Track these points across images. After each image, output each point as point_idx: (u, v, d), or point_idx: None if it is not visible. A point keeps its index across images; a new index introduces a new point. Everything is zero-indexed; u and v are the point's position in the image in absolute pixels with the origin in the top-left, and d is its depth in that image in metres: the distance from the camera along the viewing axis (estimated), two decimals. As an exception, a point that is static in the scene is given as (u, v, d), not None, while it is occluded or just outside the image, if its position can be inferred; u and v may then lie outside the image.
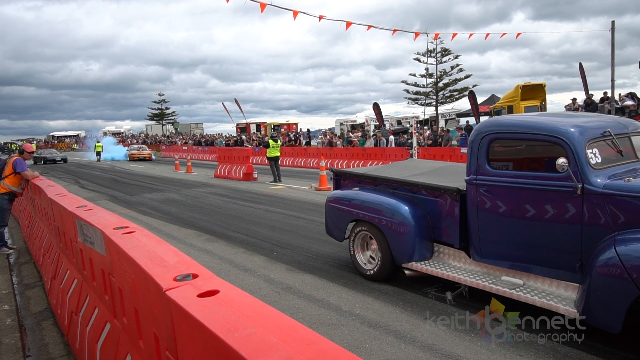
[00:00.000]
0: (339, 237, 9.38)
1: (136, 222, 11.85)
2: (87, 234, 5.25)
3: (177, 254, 3.65)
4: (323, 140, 44.53)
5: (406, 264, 7.82)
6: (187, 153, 51.60)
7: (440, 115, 58.52)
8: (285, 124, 76.67)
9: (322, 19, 25.84)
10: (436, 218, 7.78)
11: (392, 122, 59.55)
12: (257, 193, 21.40)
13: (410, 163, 10.71)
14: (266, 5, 22.91)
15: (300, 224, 13.78)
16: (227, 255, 10.73)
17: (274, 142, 26.74)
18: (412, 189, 8.20)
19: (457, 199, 7.33)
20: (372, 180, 9.13)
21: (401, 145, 32.70)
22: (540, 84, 35.43)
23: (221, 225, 14.10)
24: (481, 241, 6.92)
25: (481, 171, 6.85)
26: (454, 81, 59.60)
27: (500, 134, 6.84)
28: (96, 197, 21.44)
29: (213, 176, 30.11)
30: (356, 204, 8.79)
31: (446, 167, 9.63)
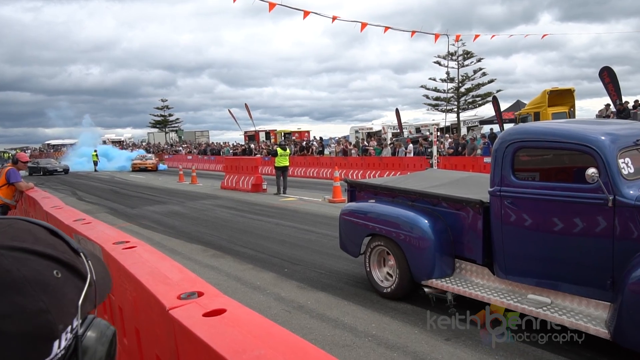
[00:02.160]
0: (354, 253, 9.37)
1: (137, 236, 11.87)
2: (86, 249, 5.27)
3: (181, 271, 3.65)
4: (337, 149, 44.52)
5: (426, 281, 7.80)
6: (192, 163, 51.37)
7: (462, 122, 58.39)
8: (297, 131, 76.62)
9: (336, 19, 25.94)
10: (458, 232, 7.77)
11: (411, 130, 59.52)
12: (267, 205, 21.43)
13: (430, 173, 10.71)
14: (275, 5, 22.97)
15: (312, 238, 13.78)
16: (235, 271, 10.74)
17: (282, 151, 26.56)
18: (432, 201, 8.19)
19: (480, 211, 7.32)
20: (389, 192, 9.13)
21: (420, 155, 32.65)
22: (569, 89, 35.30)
23: (228, 239, 14.12)
24: (506, 257, 6.90)
25: (506, 182, 6.84)
26: (476, 86, 59.50)
27: (526, 142, 6.83)
28: (95, 210, 21.50)
29: (219, 187, 30.11)
30: (372, 217, 8.79)
31: (468, 178, 9.62)
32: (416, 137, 43.71)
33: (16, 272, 0.90)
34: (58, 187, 35.61)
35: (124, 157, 64.07)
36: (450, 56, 58.74)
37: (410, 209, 8.35)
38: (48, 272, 0.95)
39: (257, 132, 76.13)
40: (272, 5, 22.94)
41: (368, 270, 8.92)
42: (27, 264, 0.93)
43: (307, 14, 24.59)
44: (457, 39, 49.03)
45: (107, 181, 40.62)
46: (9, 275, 0.89)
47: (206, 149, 66.29)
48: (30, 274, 0.92)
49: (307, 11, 24.61)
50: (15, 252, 0.93)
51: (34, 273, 0.92)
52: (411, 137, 44.11)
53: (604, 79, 33.78)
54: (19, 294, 0.89)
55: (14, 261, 0.91)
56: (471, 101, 60.41)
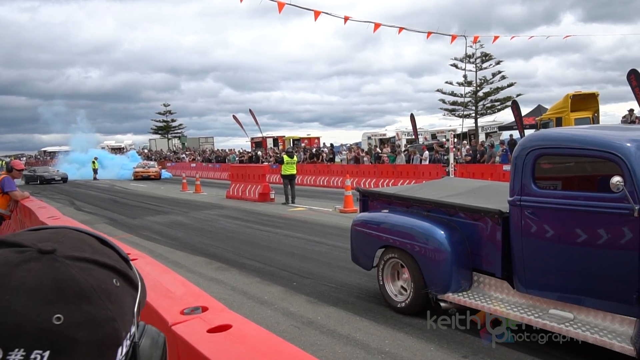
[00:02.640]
0: (366, 265, 9.37)
1: (138, 248, 11.90)
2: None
3: (185, 284, 3.66)
4: (348, 157, 44.58)
5: (442, 296, 7.79)
6: (196, 171, 51.45)
7: (480, 128, 58.32)
8: (306, 138, 76.69)
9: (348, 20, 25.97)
10: (475, 244, 7.76)
11: (426, 136, 59.48)
12: (275, 216, 21.47)
13: (447, 182, 10.70)
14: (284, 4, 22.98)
15: (322, 250, 13.79)
16: (241, 285, 10.75)
17: (289, 158, 26.62)
18: (449, 211, 8.19)
19: (499, 222, 7.30)
20: (404, 202, 9.13)
21: (436, 162, 32.62)
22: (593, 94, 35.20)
23: (234, 251, 14.15)
24: (526, 270, 6.89)
25: (526, 191, 6.83)
26: (495, 90, 59.37)
27: (547, 149, 6.82)
28: (93, 221, 21.60)
29: (225, 197, 30.20)
30: (385, 227, 8.79)
31: (487, 187, 9.61)
32: (432, 143, 43.69)
33: (84, 282, 0.97)
34: (55, 196, 35.72)
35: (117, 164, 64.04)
36: (468, 58, 58.65)
37: (425, 220, 8.34)
38: (109, 281, 1.02)
39: (264, 138, 76.21)
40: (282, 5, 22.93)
41: (381, 283, 8.91)
42: (92, 274, 0.99)
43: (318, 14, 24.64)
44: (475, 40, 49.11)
45: (106, 190, 40.73)
46: (77, 285, 0.95)
47: (211, 156, 66.46)
48: (96, 284, 0.98)
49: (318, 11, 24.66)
50: (79, 262, 0.99)
51: (98, 282, 0.99)
52: (427, 144, 44.08)
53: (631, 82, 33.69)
54: (88, 303, 0.95)
55: (80, 271, 0.98)
56: (490, 106, 60.29)
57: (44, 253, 0.97)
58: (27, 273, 0.93)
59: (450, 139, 29.33)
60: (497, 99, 59.51)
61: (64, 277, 0.95)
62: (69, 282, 0.95)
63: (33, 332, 0.88)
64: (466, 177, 24.41)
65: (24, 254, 0.96)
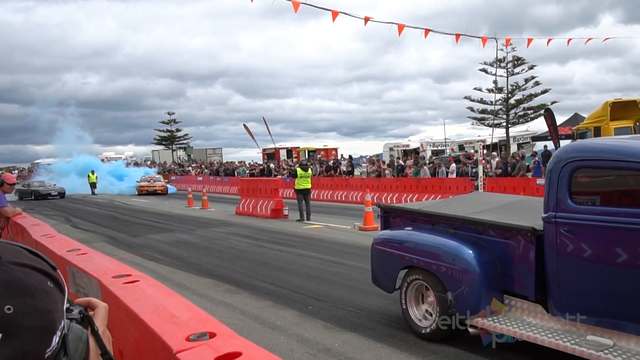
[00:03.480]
0: (388, 288, 9.37)
1: (140, 268, 11.95)
2: (81, 283, 5.28)
3: (191, 308, 3.66)
4: (368, 169, 44.47)
5: (470, 321, 7.78)
6: (203, 185, 51.61)
7: (511, 138, 58.15)
8: (323, 149, 76.54)
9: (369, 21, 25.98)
10: (507, 264, 7.73)
11: (453, 147, 59.42)
12: (289, 234, 21.52)
13: (475, 197, 10.69)
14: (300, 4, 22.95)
15: (340, 271, 13.80)
16: (252, 309, 10.77)
17: (302, 171, 26.65)
18: (478, 229, 8.18)
19: (533, 240, 7.28)
20: (429, 218, 9.13)
21: (464, 175, 32.60)
22: (634, 101, 35.01)
23: (244, 272, 14.17)
24: (562, 292, 6.87)
25: (562, 207, 6.82)
26: (528, 97, 59.22)
27: (585, 161, 6.81)
28: (91, 239, 21.63)
29: (234, 213, 30.29)
30: (409, 246, 8.79)
31: (519, 202, 9.60)
32: (459, 155, 43.61)
33: (28, 282, 1.29)
34: (50, 212, 35.97)
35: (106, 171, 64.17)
36: (499, 63, 58.55)
37: (452, 238, 8.34)
38: (46, 283, 1.34)
39: (277, 149, 76.22)
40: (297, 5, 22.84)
41: (404, 307, 8.91)
42: (33, 276, 1.31)
43: (336, 15, 24.63)
44: (507, 43, 48.93)
45: (105, 206, 40.89)
46: (23, 284, 1.27)
47: (219, 169, 66.39)
48: (37, 284, 1.31)
49: (336, 11, 24.66)
50: (21, 267, 1.31)
51: (39, 283, 1.31)
52: (454, 156, 44.03)
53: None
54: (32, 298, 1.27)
55: (23, 274, 1.29)
56: (522, 114, 60.14)
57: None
58: None
59: (479, 150, 29.22)
60: (530, 107, 59.36)
61: (11, 277, 1.27)
62: (16, 282, 1.27)
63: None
64: (496, 192, 24.35)
65: None
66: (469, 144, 57.10)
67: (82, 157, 69.48)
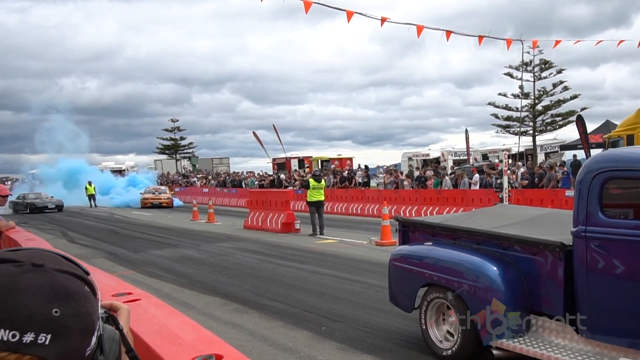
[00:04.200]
0: (407, 307, 9.37)
1: (142, 286, 11.99)
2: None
3: (196, 329, 3.67)
4: (386, 180, 44.45)
5: (494, 342, 7.79)
6: (209, 197, 51.06)
7: (538, 147, 58.02)
8: (337, 159, 76.31)
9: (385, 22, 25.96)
10: (533, 281, 7.74)
11: (477, 157, 59.29)
12: (301, 249, 21.55)
13: (500, 210, 10.70)
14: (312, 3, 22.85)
15: (356, 289, 13.81)
16: (261, 330, 10.79)
17: (315, 182, 26.62)
18: (503, 244, 8.19)
19: (561, 256, 7.28)
20: (450, 233, 9.14)
21: (488, 187, 32.55)
22: (670, 107, 35.01)
23: (253, 290, 14.20)
24: (593, 312, 6.87)
25: (592, 220, 6.83)
26: (556, 103, 59.18)
27: (617, 171, 6.82)
28: (89, 255, 21.73)
29: (242, 227, 30.35)
30: (429, 263, 8.80)
31: (546, 216, 9.59)
32: (482, 165, 43.53)
33: (70, 287, 1.44)
34: (45, 226, 36.08)
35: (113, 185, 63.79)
36: (525, 66, 58.52)
37: (475, 254, 8.35)
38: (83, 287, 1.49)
39: (288, 159, 76.12)
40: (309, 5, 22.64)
41: (424, 328, 8.91)
42: (73, 282, 1.46)
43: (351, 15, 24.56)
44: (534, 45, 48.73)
45: (105, 219, 41.03)
46: (66, 289, 1.42)
47: (226, 179, 66.40)
48: (78, 288, 1.46)
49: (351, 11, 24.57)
50: (62, 273, 1.46)
51: (79, 288, 1.47)
52: (477, 166, 43.96)
53: None
54: (75, 302, 1.42)
55: (65, 279, 1.44)
56: (550, 121, 60.11)
57: (36, 266, 1.43)
58: (29, 280, 1.39)
59: (504, 160, 29.21)
60: (558, 114, 59.35)
61: (56, 283, 1.41)
62: (60, 287, 1.41)
63: (40, 321, 1.34)
64: (522, 204, 24.32)
65: (21, 267, 1.42)
66: (493, 153, 57.01)
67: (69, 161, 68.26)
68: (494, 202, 26.89)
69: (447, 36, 28.96)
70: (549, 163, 39.54)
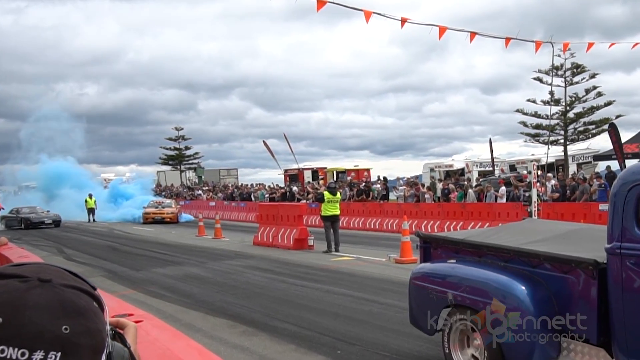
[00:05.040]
0: (429, 329, 9.32)
1: (144, 307, 12.03)
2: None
3: (202, 353, 3.68)
4: (406, 193, 44.41)
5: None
6: (215, 211, 50.99)
7: (570, 157, 57.82)
8: (353, 170, 76.07)
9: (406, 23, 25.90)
10: (565, 302, 7.71)
11: (503, 168, 59.15)
12: (314, 267, 21.56)
13: (529, 225, 10.69)
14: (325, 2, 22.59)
15: (374, 310, 13.80)
16: (272, 353, 10.79)
17: (330, 195, 26.63)
18: (532, 262, 8.17)
19: (595, 275, 7.26)
20: (475, 249, 9.14)
21: (515, 200, 32.49)
22: None
23: (263, 312, 14.20)
24: (628, 334, 6.84)
25: (628, 236, 6.81)
26: (589, 110, 59.01)
27: (654, 184, 6.81)
28: (87, 273, 21.60)
29: (251, 243, 30.38)
30: (452, 282, 8.80)
31: (579, 231, 9.59)
32: (510, 176, 43.45)
33: (79, 303, 1.46)
34: (39, 242, 36.12)
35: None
36: (555, 71, 58.16)
37: (502, 272, 8.33)
38: (91, 303, 1.52)
39: (301, 170, 75.86)
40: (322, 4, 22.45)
41: (447, 352, 8.90)
42: (82, 297, 1.49)
43: (369, 16, 24.37)
44: (565, 48, 48.72)
45: (104, 235, 41.10)
46: (75, 305, 1.44)
47: (234, 192, 66.33)
48: (87, 304, 1.49)
49: (368, 11, 24.39)
50: (70, 289, 1.48)
51: (88, 304, 1.49)
52: (504, 177, 43.88)
53: None
54: (85, 319, 1.44)
55: (73, 295, 1.47)
56: (582, 130, 59.94)
57: (43, 281, 1.45)
58: (37, 296, 1.40)
59: (533, 171, 29.14)
60: (591, 121, 59.15)
61: (64, 299, 1.43)
62: (69, 303, 1.43)
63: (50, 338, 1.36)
64: (553, 219, 24.27)
65: (28, 282, 1.44)
66: (521, 163, 56.83)
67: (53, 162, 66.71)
68: (522, 216, 26.79)
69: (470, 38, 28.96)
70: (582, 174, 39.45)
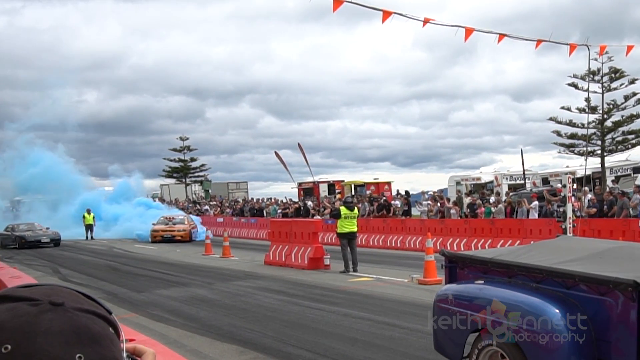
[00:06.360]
0: (455, 355, 9.34)
1: (146, 332, 12.07)
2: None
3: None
4: (430, 208, 44.38)
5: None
6: (224, 227, 50.36)
7: (607, 169, 57.60)
8: (373, 183, 75.95)
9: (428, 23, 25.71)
10: (602, 326, 7.71)
11: (535, 181, 59.02)
12: (331, 289, 21.57)
13: (563, 243, 10.69)
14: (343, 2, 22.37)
15: (395, 335, 13.79)
16: (285, 381, 10.80)
17: (347, 210, 26.58)
18: (566, 283, 8.17)
19: (634, 297, 7.25)
20: (505, 269, 9.13)
21: (549, 216, 32.45)
22: None
23: (275, 337, 14.21)
24: (672, 362, 6.84)
25: (670, 255, 6.80)
26: (628, 118, 58.70)
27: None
28: (86, 295, 21.68)
29: (262, 263, 30.36)
30: (480, 304, 8.77)
31: (617, 250, 9.56)
32: (542, 190, 43.37)
33: (94, 328, 1.44)
34: (33, 262, 36.24)
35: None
36: (592, 76, 58.01)
37: (534, 294, 8.33)
38: (107, 329, 1.49)
39: (316, 183, 75.85)
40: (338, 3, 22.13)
41: (474, 380, 8.90)
42: (97, 322, 1.47)
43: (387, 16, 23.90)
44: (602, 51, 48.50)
45: (103, 254, 41.11)
46: (90, 331, 1.42)
47: (244, 207, 66.33)
48: (102, 330, 1.46)
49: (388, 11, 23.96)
50: (84, 313, 1.46)
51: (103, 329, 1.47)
52: (536, 191, 43.80)
53: None
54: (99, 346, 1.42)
55: (88, 320, 1.44)
56: (621, 140, 59.65)
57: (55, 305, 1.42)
58: (49, 321, 1.37)
59: (567, 185, 29.09)
60: (630, 131, 58.82)
61: (78, 324, 1.41)
62: (83, 329, 1.41)
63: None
64: (589, 236, 24.22)
65: (39, 306, 1.41)
66: (555, 176, 56.69)
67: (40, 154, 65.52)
68: (556, 233, 26.76)
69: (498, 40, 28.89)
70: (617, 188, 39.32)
